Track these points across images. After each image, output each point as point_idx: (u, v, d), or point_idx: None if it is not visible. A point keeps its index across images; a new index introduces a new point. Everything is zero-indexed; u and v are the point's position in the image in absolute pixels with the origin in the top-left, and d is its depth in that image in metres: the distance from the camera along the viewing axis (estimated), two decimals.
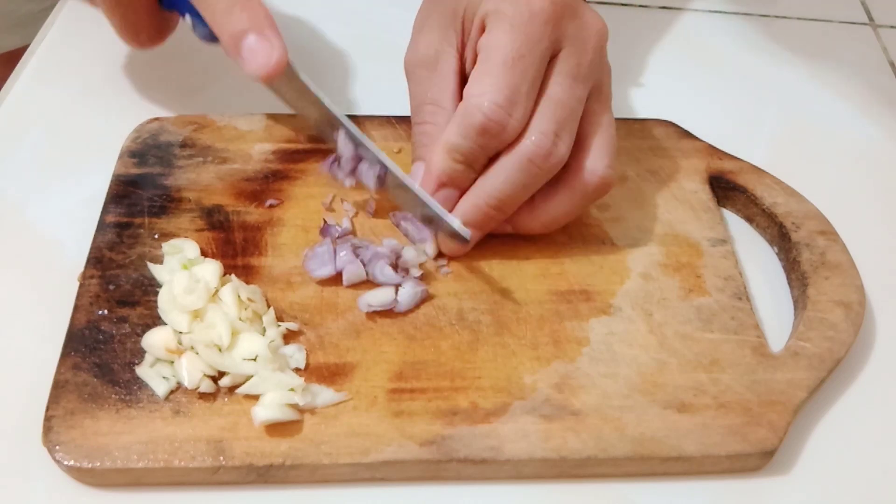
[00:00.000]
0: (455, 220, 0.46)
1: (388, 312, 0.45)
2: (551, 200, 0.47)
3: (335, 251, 0.46)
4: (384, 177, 0.48)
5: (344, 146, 0.49)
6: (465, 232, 0.46)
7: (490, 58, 0.45)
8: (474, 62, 0.47)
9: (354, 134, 0.48)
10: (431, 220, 0.47)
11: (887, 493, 0.43)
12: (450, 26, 0.48)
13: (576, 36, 0.46)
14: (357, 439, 0.40)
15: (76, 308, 0.44)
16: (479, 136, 0.45)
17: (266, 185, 0.51)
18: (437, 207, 0.46)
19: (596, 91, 0.47)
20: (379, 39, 0.63)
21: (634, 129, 0.55)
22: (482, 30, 0.46)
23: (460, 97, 0.48)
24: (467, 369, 0.43)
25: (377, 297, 0.45)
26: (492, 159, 0.46)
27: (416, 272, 0.46)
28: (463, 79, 0.49)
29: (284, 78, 0.47)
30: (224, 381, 0.41)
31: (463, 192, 0.47)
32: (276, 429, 0.40)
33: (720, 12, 0.69)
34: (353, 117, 0.54)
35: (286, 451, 0.40)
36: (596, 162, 0.46)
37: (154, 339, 0.42)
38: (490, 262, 0.48)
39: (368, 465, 0.40)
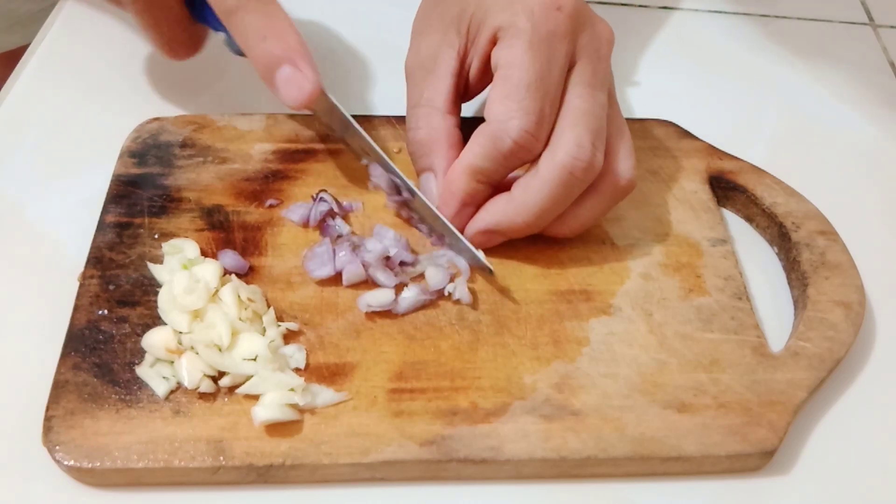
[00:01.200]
0: (481, 254, 0.46)
1: (387, 312, 0.45)
2: (582, 206, 0.47)
3: (335, 251, 0.46)
4: (410, 201, 0.49)
5: (376, 174, 0.50)
6: (488, 264, 0.46)
7: (511, 78, 0.44)
8: (481, 70, 0.47)
9: (386, 161, 0.49)
10: (453, 246, 0.47)
11: (887, 493, 0.43)
12: (451, 28, 0.48)
13: (589, 46, 0.46)
14: (357, 439, 0.40)
15: (76, 308, 0.44)
16: (505, 160, 0.45)
17: (266, 185, 0.51)
18: (465, 241, 0.46)
19: (609, 96, 0.47)
20: (379, 39, 0.63)
21: (634, 129, 0.55)
22: (493, 41, 0.46)
23: (456, 99, 0.48)
24: (467, 369, 0.43)
25: (377, 298, 0.45)
26: None
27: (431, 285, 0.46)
28: (461, 82, 0.49)
29: (316, 103, 0.48)
30: (224, 381, 0.41)
31: (480, 206, 0.47)
32: (276, 429, 0.40)
33: (720, 12, 0.69)
34: (353, 117, 0.54)
35: (286, 451, 0.40)
36: (622, 165, 0.46)
37: (154, 339, 0.42)
38: (490, 262, 0.48)
39: (368, 465, 0.40)
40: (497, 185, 0.47)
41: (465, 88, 0.49)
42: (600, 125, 0.45)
